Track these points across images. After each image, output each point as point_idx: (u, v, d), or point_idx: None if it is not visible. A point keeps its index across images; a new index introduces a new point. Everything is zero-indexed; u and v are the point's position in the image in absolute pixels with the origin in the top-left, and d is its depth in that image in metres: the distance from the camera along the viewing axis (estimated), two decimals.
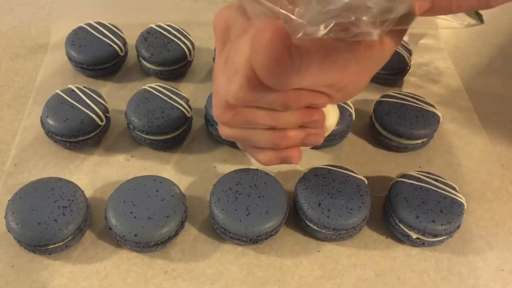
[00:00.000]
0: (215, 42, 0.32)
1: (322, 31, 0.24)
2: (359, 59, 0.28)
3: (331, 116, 0.35)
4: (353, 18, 0.24)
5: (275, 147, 0.33)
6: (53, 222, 0.42)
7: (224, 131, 0.34)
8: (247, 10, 0.26)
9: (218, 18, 0.30)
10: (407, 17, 0.26)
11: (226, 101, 0.30)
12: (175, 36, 0.59)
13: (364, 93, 0.61)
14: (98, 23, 0.60)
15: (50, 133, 0.50)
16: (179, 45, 0.58)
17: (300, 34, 0.25)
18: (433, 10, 0.26)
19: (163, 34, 0.59)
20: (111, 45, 0.58)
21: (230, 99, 0.29)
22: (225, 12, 0.30)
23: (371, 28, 0.24)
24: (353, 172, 0.47)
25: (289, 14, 0.24)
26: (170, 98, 0.51)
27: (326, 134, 0.36)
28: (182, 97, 0.52)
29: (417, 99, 0.54)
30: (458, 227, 0.45)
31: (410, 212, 0.44)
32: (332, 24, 0.24)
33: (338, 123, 0.39)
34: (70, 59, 0.58)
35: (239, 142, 0.36)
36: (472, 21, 0.28)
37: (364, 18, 0.24)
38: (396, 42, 0.30)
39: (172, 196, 0.44)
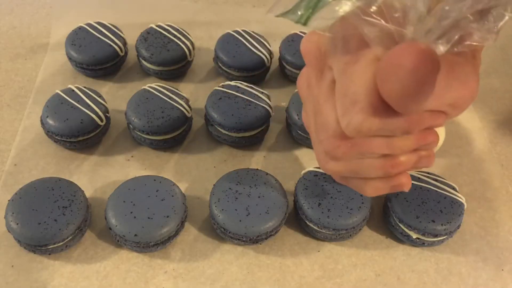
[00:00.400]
0: (308, 69, 0.30)
1: (444, 46, 0.23)
2: (476, 71, 0.27)
3: (441, 134, 0.32)
4: (475, 28, 0.22)
5: (386, 175, 0.30)
6: (53, 222, 0.42)
7: (330, 167, 0.31)
8: (364, 34, 0.24)
9: (309, 44, 0.28)
10: None
11: (340, 134, 0.28)
12: (175, 36, 0.59)
13: None
14: (98, 23, 0.60)
15: (50, 133, 0.50)
16: (179, 45, 0.58)
17: None
18: None
19: (163, 34, 0.59)
20: (111, 45, 0.58)
21: (350, 131, 0.27)
22: (316, 38, 0.28)
23: (487, 34, 0.23)
24: None
25: (407, 32, 0.23)
26: (170, 98, 0.51)
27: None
28: (182, 97, 0.52)
29: None
30: (458, 227, 0.45)
31: (410, 212, 0.44)
32: (456, 37, 0.22)
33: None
34: (70, 59, 0.58)
35: (341, 176, 0.33)
36: None
37: (482, 25, 0.22)
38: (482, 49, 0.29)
39: (172, 196, 0.44)
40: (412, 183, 0.46)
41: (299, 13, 0.24)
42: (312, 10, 0.23)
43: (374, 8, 0.23)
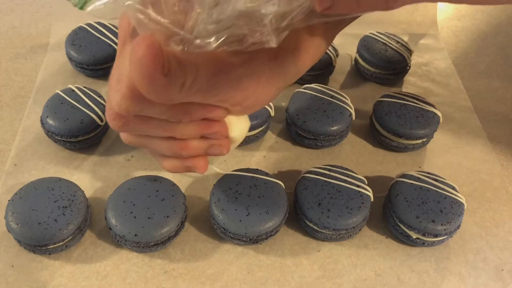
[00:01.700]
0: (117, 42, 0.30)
1: (213, 43, 0.23)
2: (257, 74, 0.27)
3: (237, 127, 0.33)
4: (246, 29, 0.22)
5: (177, 156, 0.31)
6: (53, 222, 0.42)
7: (123, 137, 0.32)
8: (132, 22, 0.25)
9: (123, 19, 0.29)
10: (323, 17, 0.24)
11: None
12: None
13: (364, 93, 0.61)
14: (98, 23, 0.60)
15: (50, 133, 0.50)
16: None
17: (187, 47, 0.23)
18: (334, 8, 0.24)
19: None
20: (111, 45, 0.58)
21: (114, 108, 0.27)
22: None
23: (267, 36, 0.22)
24: (353, 172, 0.47)
25: (174, 28, 0.23)
26: None
27: (235, 145, 0.34)
28: None
29: (417, 99, 0.54)
30: (458, 227, 0.45)
31: (410, 212, 0.44)
32: (223, 37, 0.22)
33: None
34: (70, 59, 0.58)
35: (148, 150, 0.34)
36: None
37: (259, 27, 0.22)
38: (314, 53, 0.28)
39: (172, 196, 0.44)
40: (412, 183, 0.46)
41: None
42: None
43: None
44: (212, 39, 0.23)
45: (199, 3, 0.22)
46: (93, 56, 0.57)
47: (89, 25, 0.59)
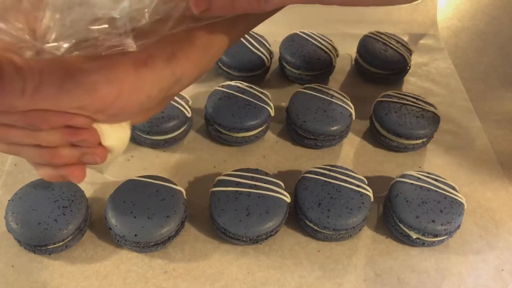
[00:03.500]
0: None
1: (61, 48, 0.22)
2: (118, 81, 0.26)
3: (112, 135, 0.31)
4: (100, 33, 0.22)
5: (50, 164, 0.30)
6: (53, 222, 0.42)
7: None
8: None
9: None
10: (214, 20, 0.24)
11: None
12: None
13: (364, 93, 0.61)
14: None
15: None
16: None
17: (38, 54, 0.22)
18: (211, 10, 0.24)
19: None
20: None
21: None
22: None
23: (124, 39, 0.22)
24: (353, 172, 0.47)
25: (22, 36, 0.22)
26: None
27: (115, 154, 0.33)
28: (182, 97, 0.52)
29: (417, 99, 0.54)
30: (458, 227, 0.45)
31: (410, 212, 0.44)
32: (72, 42, 0.22)
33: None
34: None
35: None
36: None
37: (114, 30, 0.22)
38: (199, 58, 0.28)
39: (172, 196, 0.44)
40: (412, 183, 0.46)
41: None
42: None
43: None
44: (61, 44, 0.22)
45: (50, 8, 0.21)
46: None
47: None
